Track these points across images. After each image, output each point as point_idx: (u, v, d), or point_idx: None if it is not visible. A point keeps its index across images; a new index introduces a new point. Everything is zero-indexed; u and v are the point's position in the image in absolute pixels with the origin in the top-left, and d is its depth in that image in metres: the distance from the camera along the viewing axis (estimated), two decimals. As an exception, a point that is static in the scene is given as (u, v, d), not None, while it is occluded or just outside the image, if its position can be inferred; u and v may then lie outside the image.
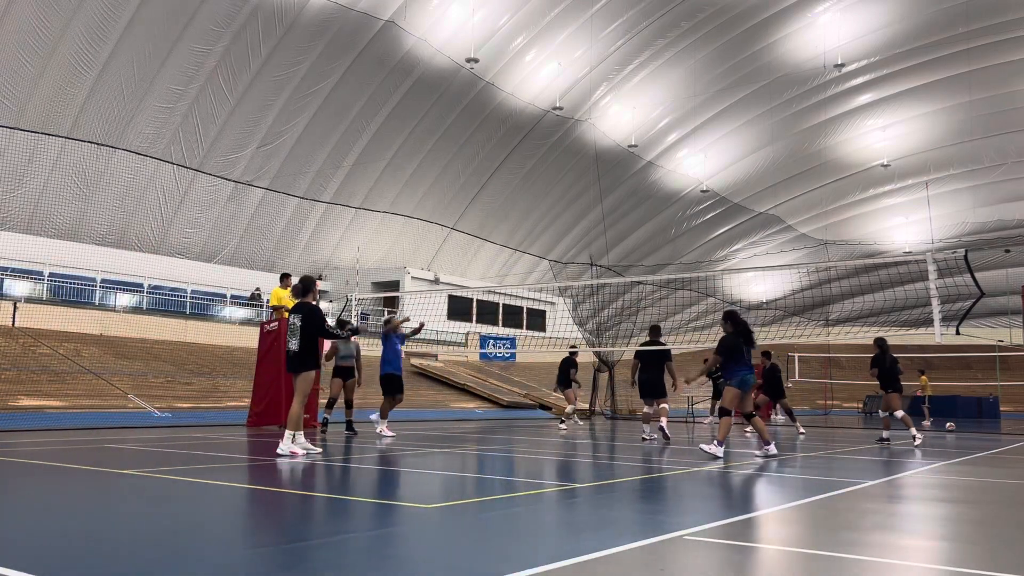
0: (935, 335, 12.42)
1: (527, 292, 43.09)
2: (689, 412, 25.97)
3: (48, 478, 7.15)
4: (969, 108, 39.99)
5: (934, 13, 35.75)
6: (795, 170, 46.23)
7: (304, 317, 9.68)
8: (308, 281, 10.04)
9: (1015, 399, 37.37)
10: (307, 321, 9.64)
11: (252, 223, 33.45)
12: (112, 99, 26.86)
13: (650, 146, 42.09)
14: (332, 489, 6.94)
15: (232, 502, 6.02)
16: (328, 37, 29.48)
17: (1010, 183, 45.79)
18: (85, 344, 21.71)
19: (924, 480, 8.16)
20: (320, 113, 31.76)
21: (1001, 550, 4.60)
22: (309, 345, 9.62)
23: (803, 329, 35.37)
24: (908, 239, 48.06)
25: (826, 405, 38.60)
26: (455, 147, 36.77)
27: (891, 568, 4.07)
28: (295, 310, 9.85)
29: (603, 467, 9.23)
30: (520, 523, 5.20)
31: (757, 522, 5.39)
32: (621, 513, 5.63)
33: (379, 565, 3.85)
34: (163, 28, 26.44)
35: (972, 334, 15.47)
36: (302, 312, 9.75)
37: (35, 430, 13.14)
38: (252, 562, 3.91)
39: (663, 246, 48.92)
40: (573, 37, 34.29)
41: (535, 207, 42.65)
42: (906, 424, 13.78)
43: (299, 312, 9.77)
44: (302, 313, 9.74)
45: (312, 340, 9.66)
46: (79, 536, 4.53)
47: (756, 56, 37.69)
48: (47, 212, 27.43)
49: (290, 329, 9.74)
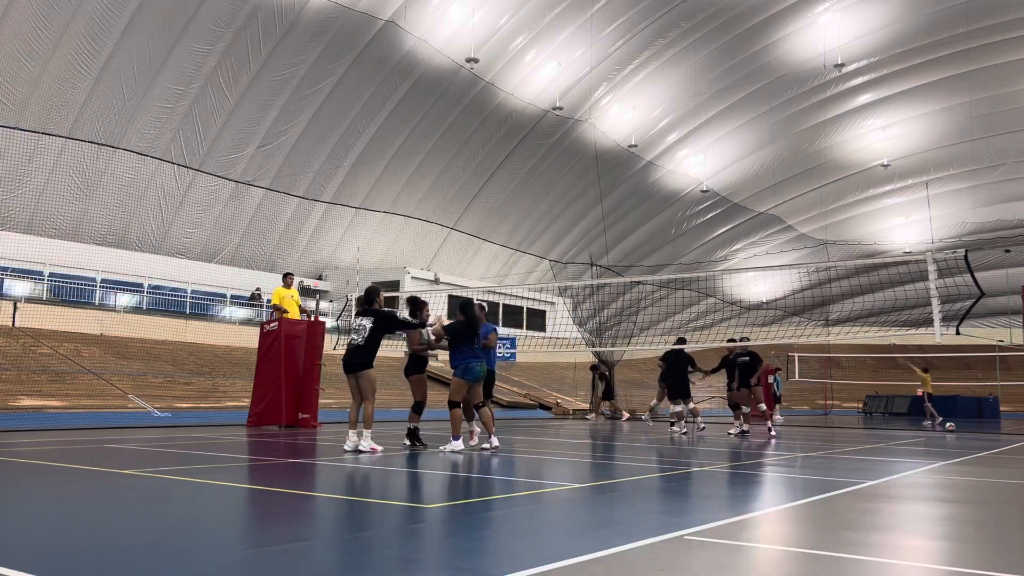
0: (935, 335, 12.43)
1: (527, 292, 43.08)
2: (689, 412, 25.95)
3: (48, 478, 7.15)
4: (969, 108, 39.99)
5: (934, 13, 35.75)
6: (795, 170, 46.23)
7: (376, 319, 9.97)
8: (372, 291, 10.38)
9: (1015, 399, 37.35)
10: (379, 323, 9.94)
11: (252, 223, 33.46)
12: (112, 99, 26.86)
13: (650, 146, 42.09)
14: (332, 489, 6.94)
15: (232, 502, 6.02)
16: (328, 37, 29.48)
17: (1010, 183, 45.79)
18: (85, 344, 21.71)
19: (924, 480, 8.16)
20: (320, 113, 31.77)
21: (1001, 550, 4.60)
22: (375, 347, 9.95)
23: (803, 329, 35.41)
24: (908, 239, 48.07)
25: (826, 405, 38.57)
26: (455, 147, 36.77)
27: (891, 568, 4.07)
28: (363, 314, 10.12)
29: (603, 467, 9.23)
30: (520, 523, 5.20)
31: (757, 522, 5.39)
32: (621, 513, 5.63)
33: (379, 565, 3.85)
34: (163, 28, 26.43)
35: (972, 334, 15.49)
36: (373, 315, 10.04)
37: (35, 430, 13.14)
38: (252, 562, 3.91)
39: (663, 246, 48.91)
40: (573, 37, 34.29)
41: (535, 207, 42.65)
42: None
43: (369, 315, 10.07)
44: (373, 316, 10.03)
45: (377, 342, 9.98)
46: (79, 536, 4.53)
47: (756, 56, 37.69)
48: (47, 212, 27.42)
49: (355, 330, 10.04)
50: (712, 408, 30.47)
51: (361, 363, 9.88)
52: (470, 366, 10.09)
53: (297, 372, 15.31)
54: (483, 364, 10.26)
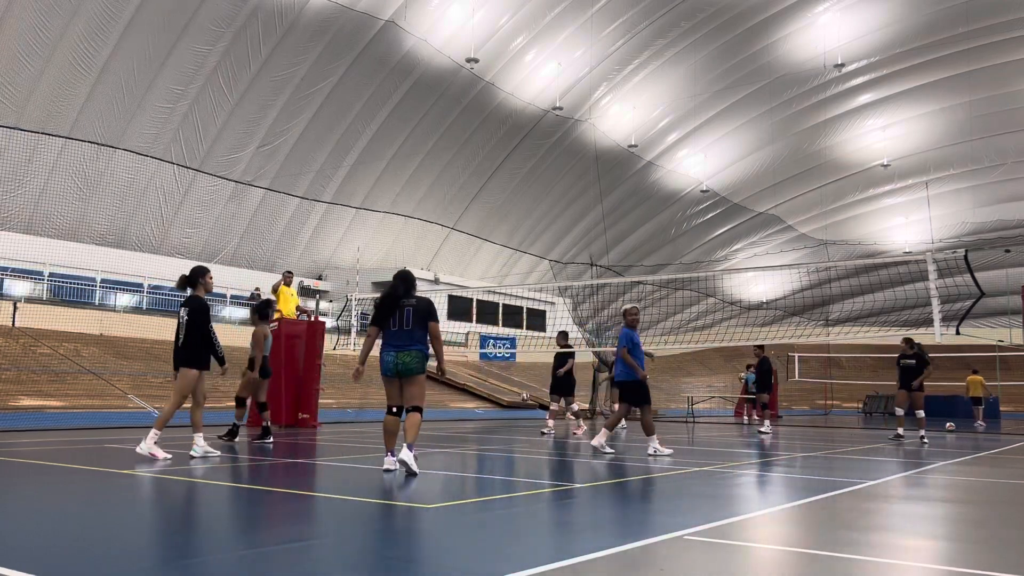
0: (935, 335, 12.43)
1: (527, 292, 43.09)
2: (689, 412, 25.99)
3: (48, 478, 7.16)
4: (969, 108, 39.99)
5: (934, 13, 35.76)
6: (795, 170, 46.24)
7: (192, 311, 9.09)
8: (197, 270, 9.40)
9: (1015, 399, 37.36)
10: (195, 315, 9.06)
11: (252, 223, 33.46)
12: (112, 99, 26.86)
13: (650, 146, 42.09)
14: (332, 489, 6.94)
15: (232, 502, 6.02)
16: (328, 37, 29.48)
17: (1010, 183, 45.79)
18: (85, 344, 21.71)
19: (924, 480, 8.16)
20: (320, 113, 31.77)
21: (1001, 550, 4.60)
22: (197, 340, 9.04)
23: (803, 329, 35.40)
24: (908, 239, 48.07)
25: (826, 405, 38.60)
26: (455, 147, 36.78)
27: (891, 568, 4.07)
28: (184, 303, 9.20)
29: (603, 467, 9.23)
30: (520, 523, 5.20)
31: (757, 522, 5.39)
32: (621, 513, 5.63)
33: (379, 565, 3.85)
34: (163, 28, 26.43)
35: (972, 334, 15.47)
36: (191, 306, 9.12)
37: (35, 430, 13.14)
38: (252, 562, 3.91)
39: (663, 246, 48.92)
40: (573, 37, 34.29)
41: (535, 207, 42.65)
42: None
43: (187, 305, 9.14)
44: (190, 307, 9.12)
45: (202, 336, 9.06)
46: (79, 536, 4.53)
47: (756, 56, 37.70)
48: (47, 212, 27.43)
49: (179, 324, 9.14)
50: (712, 408, 30.48)
51: (183, 361, 9.06)
52: (380, 357, 7.78)
53: (297, 372, 15.32)
54: (408, 354, 7.60)
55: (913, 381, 14.59)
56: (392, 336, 7.68)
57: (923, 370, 14.60)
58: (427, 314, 7.72)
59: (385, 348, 7.68)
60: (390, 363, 7.58)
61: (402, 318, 7.70)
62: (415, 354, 7.57)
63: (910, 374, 14.67)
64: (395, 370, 7.57)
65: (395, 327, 7.69)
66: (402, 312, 7.73)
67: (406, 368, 7.54)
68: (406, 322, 7.68)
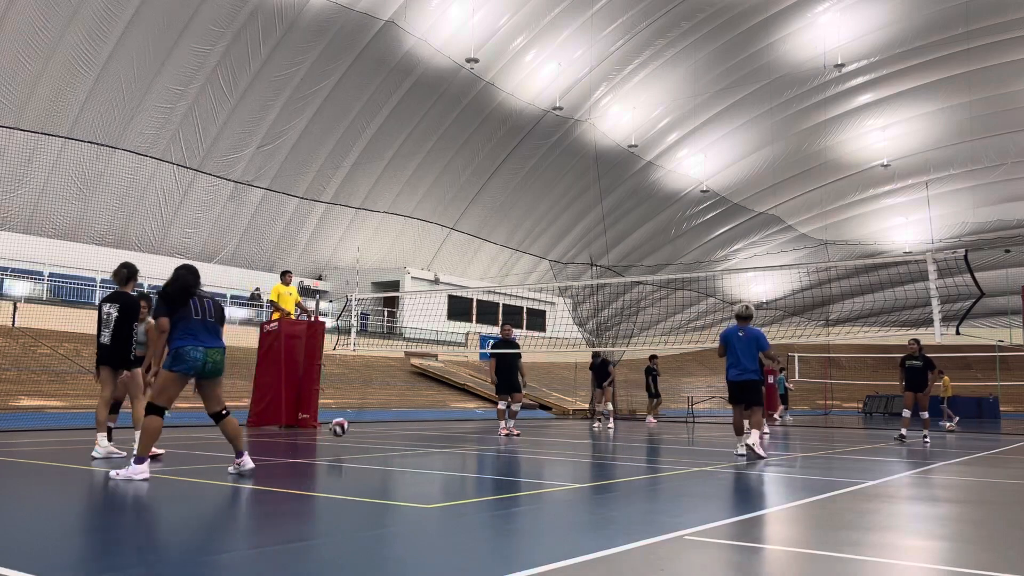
0: (935, 335, 12.41)
1: (527, 292, 43.09)
2: (689, 412, 25.98)
3: (48, 478, 7.15)
4: (969, 108, 40.01)
5: (934, 13, 35.78)
6: (795, 170, 46.25)
7: (123, 307, 8.59)
8: (135, 268, 8.94)
9: (1015, 399, 37.36)
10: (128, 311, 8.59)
11: (252, 223, 33.46)
12: (112, 99, 26.87)
13: (650, 146, 42.09)
14: (332, 489, 6.93)
15: (232, 502, 6.02)
16: (328, 37, 29.48)
17: (1010, 183, 45.82)
18: (85, 344, 21.68)
19: (924, 480, 8.15)
20: (320, 113, 31.77)
21: (1001, 550, 4.60)
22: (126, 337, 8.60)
23: (803, 329, 35.38)
24: (908, 239, 48.08)
25: (826, 405, 38.58)
26: (455, 147, 36.78)
27: (891, 568, 4.07)
28: (112, 299, 8.68)
29: (603, 467, 9.22)
30: (520, 523, 5.20)
31: (757, 522, 5.39)
32: (621, 513, 5.62)
33: (379, 565, 3.85)
34: (163, 28, 26.44)
35: (972, 334, 15.44)
36: (121, 302, 8.62)
37: (35, 430, 13.13)
38: (252, 562, 3.91)
39: (663, 246, 48.93)
40: (573, 37, 34.30)
41: (535, 207, 42.66)
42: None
43: (117, 302, 8.61)
44: (121, 303, 8.60)
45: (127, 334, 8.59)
46: (79, 536, 4.52)
47: (756, 56, 37.71)
48: (47, 212, 27.44)
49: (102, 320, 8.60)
50: (712, 408, 30.46)
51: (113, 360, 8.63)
52: (181, 351, 6.81)
53: (297, 372, 15.31)
54: (219, 351, 6.97)
55: (922, 383, 14.60)
56: (196, 328, 6.76)
57: (931, 373, 14.62)
58: (223, 311, 7.14)
59: (187, 341, 6.72)
60: (198, 360, 6.74)
61: (204, 308, 6.90)
62: (223, 352, 6.95)
63: (917, 375, 14.65)
64: (202, 370, 6.83)
65: (198, 316, 6.81)
66: (202, 302, 6.94)
67: (216, 368, 6.90)
68: (209, 312, 6.92)
